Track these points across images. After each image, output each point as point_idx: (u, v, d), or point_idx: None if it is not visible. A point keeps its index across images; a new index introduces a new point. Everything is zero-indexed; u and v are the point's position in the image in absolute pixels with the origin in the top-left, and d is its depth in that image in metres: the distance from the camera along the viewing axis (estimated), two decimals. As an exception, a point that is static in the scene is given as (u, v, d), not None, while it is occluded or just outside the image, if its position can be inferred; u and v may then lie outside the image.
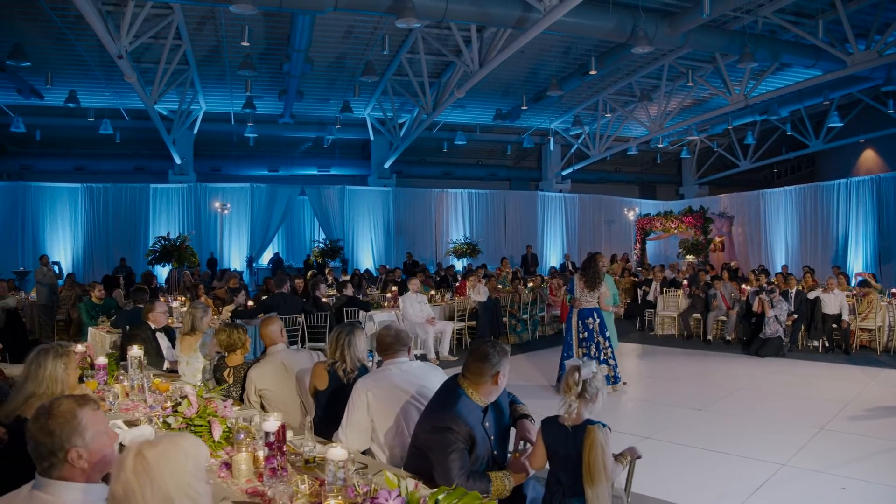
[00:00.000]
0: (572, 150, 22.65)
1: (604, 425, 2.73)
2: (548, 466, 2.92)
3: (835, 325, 9.75)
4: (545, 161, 24.05)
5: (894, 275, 15.29)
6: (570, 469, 2.74)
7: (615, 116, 19.54)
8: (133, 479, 1.46)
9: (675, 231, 19.94)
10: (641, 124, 19.08)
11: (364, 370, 3.90)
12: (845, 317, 9.62)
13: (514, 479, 2.83)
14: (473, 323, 10.47)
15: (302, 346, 8.18)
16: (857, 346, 9.85)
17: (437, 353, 9.55)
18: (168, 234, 14.44)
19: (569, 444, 2.74)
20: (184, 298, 9.47)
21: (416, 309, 9.45)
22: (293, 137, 21.09)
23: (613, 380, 7.45)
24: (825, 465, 5.14)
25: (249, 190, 19.16)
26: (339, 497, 2.41)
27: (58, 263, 14.00)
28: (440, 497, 2.16)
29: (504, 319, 10.92)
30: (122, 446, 3.06)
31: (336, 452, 2.52)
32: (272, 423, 2.72)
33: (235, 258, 18.92)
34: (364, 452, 3.33)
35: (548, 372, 8.57)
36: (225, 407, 3.48)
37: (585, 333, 7.29)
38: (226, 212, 17.91)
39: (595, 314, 7.29)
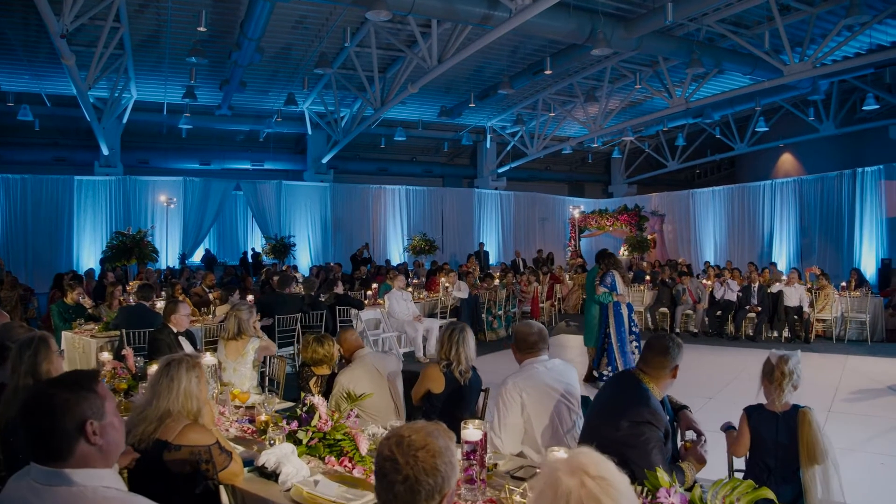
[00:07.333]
0: (508, 148, 22.92)
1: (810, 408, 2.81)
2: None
3: (796, 317, 10.45)
4: (480, 159, 24.20)
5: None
6: (781, 455, 2.79)
7: (554, 116, 19.90)
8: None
9: (610, 229, 20.59)
10: (581, 124, 19.56)
11: (474, 371, 3.77)
12: (806, 309, 10.34)
13: (696, 469, 2.84)
14: (454, 320, 10.36)
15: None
16: (814, 335, 10.62)
17: (424, 351, 9.39)
18: (130, 229, 13.35)
19: (780, 430, 2.79)
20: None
21: (402, 307, 9.28)
22: (227, 130, 20.09)
23: None
24: (854, 444, 5.56)
25: (182, 183, 18.14)
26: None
27: (-2, 262, 12.70)
28: (719, 489, 2.14)
29: (481, 315, 10.92)
30: (262, 468, 2.78)
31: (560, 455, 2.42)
32: (474, 432, 2.52)
33: (170, 254, 17.82)
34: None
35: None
36: (349, 419, 3.27)
37: (632, 325, 7.52)
38: (172, 206, 16.88)
39: (632, 309, 7.55)
